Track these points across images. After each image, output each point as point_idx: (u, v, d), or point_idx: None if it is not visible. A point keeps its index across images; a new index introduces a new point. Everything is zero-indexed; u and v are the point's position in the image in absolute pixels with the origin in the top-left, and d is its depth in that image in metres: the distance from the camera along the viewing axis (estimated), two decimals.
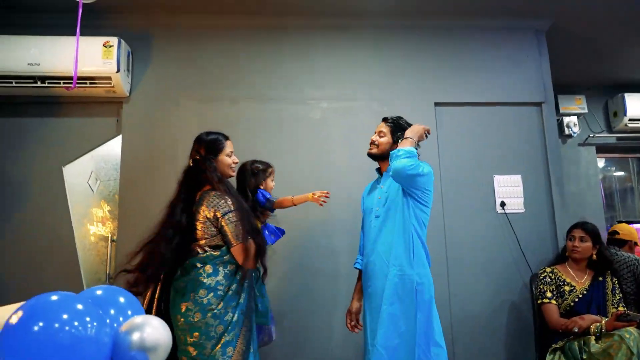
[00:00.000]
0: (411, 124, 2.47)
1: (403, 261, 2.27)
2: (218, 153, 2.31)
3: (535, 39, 3.61)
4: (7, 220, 3.15)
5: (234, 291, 2.13)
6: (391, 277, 2.26)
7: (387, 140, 2.46)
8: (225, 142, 2.35)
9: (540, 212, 3.39)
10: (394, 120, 2.50)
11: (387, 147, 2.45)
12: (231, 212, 2.13)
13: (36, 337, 1.04)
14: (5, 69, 3.01)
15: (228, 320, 2.09)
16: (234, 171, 2.41)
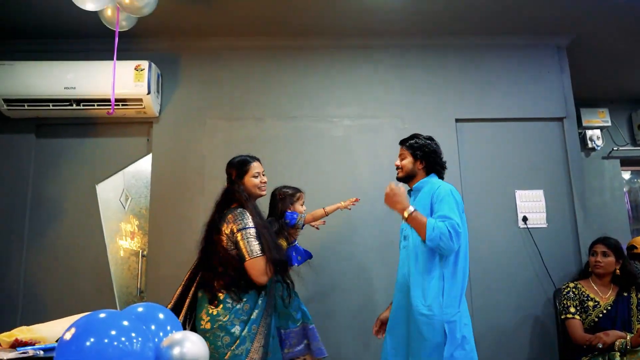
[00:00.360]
0: (427, 136, 2.56)
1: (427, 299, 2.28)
2: (244, 175, 2.42)
3: (556, 54, 3.65)
4: (44, 236, 3.30)
5: (243, 306, 2.19)
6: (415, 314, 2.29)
7: (408, 161, 2.52)
8: (251, 164, 2.44)
9: (562, 227, 3.40)
10: (409, 140, 2.57)
11: (410, 166, 2.51)
12: (248, 228, 2.22)
13: (88, 352, 1.13)
14: (43, 93, 3.17)
15: (235, 333, 2.14)
16: (263, 190, 2.47)
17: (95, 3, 2.40)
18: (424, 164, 2.51)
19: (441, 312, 2.26)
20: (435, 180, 2.50)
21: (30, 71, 3.20)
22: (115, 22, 2.56)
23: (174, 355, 1.22)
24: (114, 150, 3.43)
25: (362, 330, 3.13)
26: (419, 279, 2.32)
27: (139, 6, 2.44)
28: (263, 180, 2.46)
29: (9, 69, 3.19)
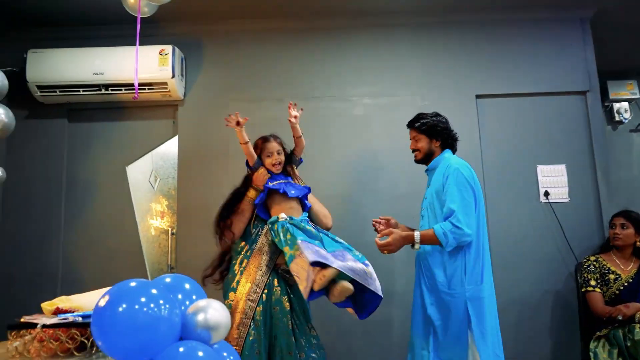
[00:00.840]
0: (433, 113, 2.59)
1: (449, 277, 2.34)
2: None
3: (579, 27, 3.58)
4: (78, 217, 3.47)
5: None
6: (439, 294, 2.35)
7: (425, 142, 2.54)
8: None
9: (585, 201, 3.39)
10: (417, 121, 2.58)
11: (427, 147, 2.54)
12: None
13: (120, 316, 1.24)
14: (74, 78, 3.30)
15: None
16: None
17: None
18: (440, 141, 2.54)
19: (463, 289, 2.31)
20: (448, 156, 2.52)
21: (60, 58, 3.33)
22: (137, 9, 2.64)
23: (198, 320, 1.33)
24: (142, 132, 3.56)
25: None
26: (439, 257, 2.37)
27: None
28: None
29: (40, 57, 3.33)
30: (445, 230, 2.27)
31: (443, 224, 2.30)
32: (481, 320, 2.30)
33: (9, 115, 2.78)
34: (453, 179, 2.36)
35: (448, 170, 2.40)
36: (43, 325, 1.43)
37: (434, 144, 2.53)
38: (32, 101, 3.44)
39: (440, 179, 2.43)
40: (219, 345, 1.42)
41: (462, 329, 2.29)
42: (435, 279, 2.35)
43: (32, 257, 3.38)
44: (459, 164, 2.43)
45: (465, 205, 2.33)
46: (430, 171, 2.58)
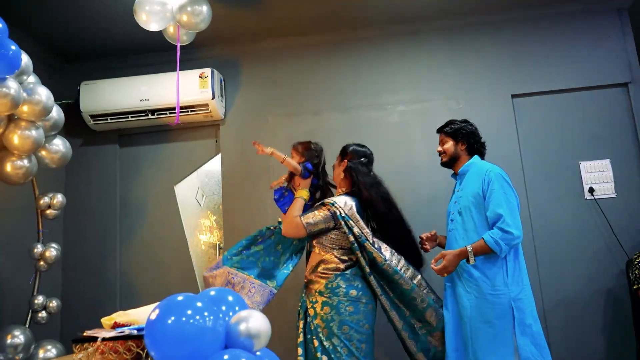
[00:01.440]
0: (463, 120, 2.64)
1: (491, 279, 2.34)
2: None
3: (616, 17, 3.50)
4: (132, 235, 3.69)
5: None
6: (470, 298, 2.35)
7: (450, 144, 2.59)
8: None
9: (633, 195, 3.30)
10: (446, 126, 2.64)
11: (452, 149, 2.58)
12: None
13: (169, 328, 1.35)
14: (123, 106, 3.53)
15: None
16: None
17: (157, 23, 2.66)
18: (465, 145, 2.57)
19: (508, 290, 2.31)
20: (480, 162, 2.54)
21: (110, 88, 3.57)
22: (176, 38, 2.81)
23: (240, 329, 1.42)
24: (187, 152, 3.75)
25: None
26: (478, 260, 2.35)
27: (196, 22, 2.67)
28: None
29: (92, 88, 3.58)
30: (496, 238, 2.28)
31: (492, 232, 2.31)
32: (525, 320, 2.29)
33: (66, 145, 3.00)
34: (497, 184, 2.38)
35: (489, 175, 2.41)
36: (103, 338, 1.57)
37: (460, 147, 2.57)
38: (86, 129, 3.70)
39: (477, 183, 2.44)
40: (262, 353, 1.51)
41: (507, 328, 2.29)
42: (477, 282, 2.36)
43: (92, 275, 3.62)
44: (498, 169, 2.46)
45: (512, 208, 2.34)
46: (460, 176, 2.60)
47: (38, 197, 3.04)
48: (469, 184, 2.49)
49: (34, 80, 2.75)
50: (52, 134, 2.92)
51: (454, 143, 2.58)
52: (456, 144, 2.58)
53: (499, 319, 2.30)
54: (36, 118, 2.65)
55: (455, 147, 2.58)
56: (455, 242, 2.48)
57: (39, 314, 2.95)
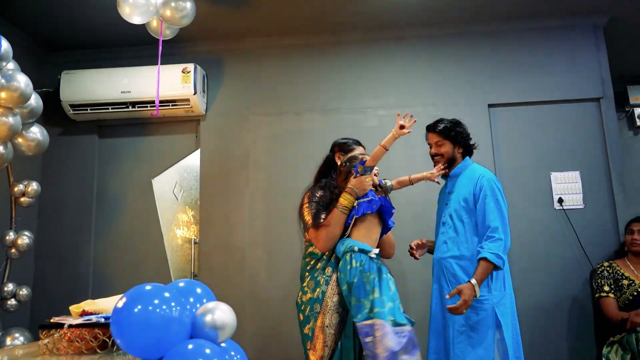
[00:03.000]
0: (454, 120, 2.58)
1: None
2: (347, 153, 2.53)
3: (592, 34, 3.61)
4: (107, 227, 3.68)
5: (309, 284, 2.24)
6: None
7: (449, 147, 2.52)
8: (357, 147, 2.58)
9: (600, 207, 3.40)
10: (438, 126, 2.55)
11: (451, 152, 2.52)
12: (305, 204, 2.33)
13: (136, 316, 1.37)
14: (103, 97, 3.53)
15: (305, 312, 2.19)
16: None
17: (140, 16, 2.67)
18: (462, 148, 2.54)
19: (491, 295, 2.31)
20: (472, 165, 2.52)
21: (91, 78, 3.57)
22: (159, 33, 2.83)
23: (206, 320, 1.45)
24: (167, 147, 3.76)
25: None
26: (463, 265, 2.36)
27: (179, 17, 2.70)
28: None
29: (73, 78, 3.57)
30: (497, 252, 2.26)
31: (488, 247, 2.27)
32: (507, 324, 2.31)
33: (43, 133, 2.99)
34: (490, 192, 2.36)
35: (481, 181, 2.39)
36: (69, 325, 1.59)
37: (457, 151, 2.53)
38: (65, 119, 3.68)
39: (469, 187, 2.42)
40: (227, 344, 1.54)
41: (489, 334, 2.29)
42: None
43: (65, 265, 3.60)
44: (490, 174, 2.45)
45: (504, 218, 2.36)
46: (452, 178, 2.55)
47: (12, 184, 3.03)
48: (462, 187, 2.46)
49: (13, 67, 2.74)
50: (29, 122, 2.91)
51: (453, 146, 2.52)
52: (454, 147, 2.52)
53: (482, 324, 2.30)
54: (14, 105, 2.64)
55: (454, 150, 2.52)
56: (445, 245, 2.45)
57: (8, 302, 2.93)
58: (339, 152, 2.52)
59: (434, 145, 2.56)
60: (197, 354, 1.38)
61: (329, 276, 2.23)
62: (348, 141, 2.57)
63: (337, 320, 2.15)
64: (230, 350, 1.55)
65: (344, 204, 2.23)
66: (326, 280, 2.22)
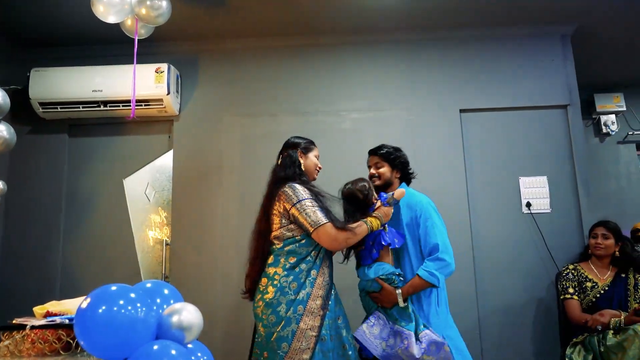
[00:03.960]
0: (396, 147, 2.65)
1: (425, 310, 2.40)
2: (309, 152, 2.48)
3: (560, 43, 3.71)
4: (77, 228, 3.62)
5: (290, 284, 2.18)
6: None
7: (387, 169, 2.59)
8: (315, 147, 2.54)
9: (566, 212, 3.49)
10: (381, 150, 2.64)
11: (388, 175, 2.58)
12: (302, 200, 2.21)
13: (100, 317, 1.36)
14: (74, 96, 3.47)
15: (281, 312, 2.13)
16: (316, 175, 2.51)
17: (115, 15, 2.64)
18: (400, 174, 2.62)
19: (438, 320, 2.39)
20: (410, 190, 2.58)
21: (62, 76, 3.50)
22: (134, 31, 2.80)
23: (172, 321, 1.45)
24: (139, 147, 3.71)
25: None
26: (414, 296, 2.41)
27: (154, 16, 2.67)
28: (320, 165, 2.54)
29: (43, 75, 3.50)
30: (431, 270, 2.32)
31: (424, 265, 2.34)
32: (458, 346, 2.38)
33: (10, 131, 2.93)
34: (429, 214, 2.44)
35: (421, 205, 2.46)
36: (32, 326, 1.56)
37: (395, 175, 2.60)
38: (35, 117, 3.60)
39: (408, 212, 2.49)
40: (194, 346, 1.54)
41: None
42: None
43: (32, 267, 3.53)
44: (427, 198, 2.53)
45: (444, 237, 2.42)
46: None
47: None
48: (401, 212, 2.52)
49: None
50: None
51: (391, 169, 2.59)
52: (392, 170, 2.60)
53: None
54: None
55: (391, 173, 2.59)
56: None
57: None
58: (301, 151, 2.47)
59: (373, 166, 2.65)
60: (163, 355, 1.38)
61: (314, 278, 2.23)
62: (305, 140, 2.53)
63: (319, 324, 2.17)
64: (197, 352, 1.55)
65: (373, 226, 2.31)
66: (311, 283, 2.21)
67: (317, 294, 2.20)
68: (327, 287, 2.27)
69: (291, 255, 2.24)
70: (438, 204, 2.58)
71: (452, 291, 3.30)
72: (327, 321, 2.19)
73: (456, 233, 3.41)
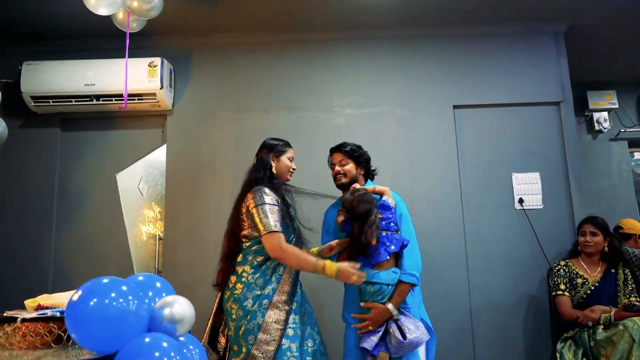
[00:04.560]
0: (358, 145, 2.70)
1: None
2: (282, 154, 2.54)
3: (553, 40, 3.73)
4: (70, 222, 3.60)
5: (256, 280, 2.28)
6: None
7: (352, 167, 2.62)
8: (290, 148, 2.59)
9: (558, 208, 3.51)
10: (345, 147, 2.66)
11: (354, 172, 2.61)
12: (264, 204, 2.27)
13: (91, 310, 1.36)
14: (66, 89, 3.45)
15: (247, 307, 2.22)
16: (290, 176, 2.57)
17: (106, 8, 2.63)
18: (364, 171, 2.66)
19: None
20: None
21: (54, 70, 3.48)
22: (126, 25, 2.79)
23: (164, 314, 1.45)
24: (132, 141, 3.70)
25: None
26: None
27: (146, 9, 2.67)
28: (294, 167, 2.59)
29: (35, 69, 3.47)
30: (410, 272, 2.38)
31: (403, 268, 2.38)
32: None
33: (1, 125, 2.92)
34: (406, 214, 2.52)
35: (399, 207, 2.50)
36: (23, 319, 1.56)
37: (359, 172, 2.63)
38: (26, 111, 3.58)
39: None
40: (186, 339, 1.54)
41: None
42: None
43: (24, 262, 3.51)
44: (399, 197, 2.57)
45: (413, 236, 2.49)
46: None
47: None
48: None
49: None
50: None
51: (355, 166, 2.62)
52: (357, 167, 2.63)
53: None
54: None
55: (356, 170, 2.62)
56: None
57: None
58: (272, 154, 2.53)
59: (337, 164, 2.66)
60: (154, 348, 1.38)
61: (280, 275, 2.31)
62: (280, 143, 2.60)
63: (284, 317, 2.25)
64: (189, 344, 1.55)
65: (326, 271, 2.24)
66: (277, 279, 2.30)
67: (283, 289, 2.30)
68: (293, 284, 2.35)
69: (258, 254, 2.33)
70: (431, 199, 2.62)
71: (444, 286, 3.35)
72: (292, 316, 2.28)
73: (449, 228, 3.45)
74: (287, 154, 2.57)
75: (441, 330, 3.14)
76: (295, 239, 2.40)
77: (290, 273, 2.34)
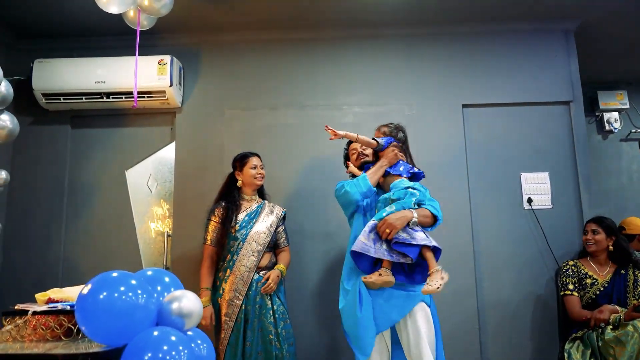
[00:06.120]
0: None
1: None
2: (243, 166, 2.95)
3: (563, 39, 3.70)
4: (79, 218, 3.63)
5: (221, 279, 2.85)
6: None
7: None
8: (250, 157, 2.96)
9: (567, 208, 3.49)
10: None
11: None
12: (209, 218, 2.92)
13: (101, 303, 1.37)
14: (77, 87, 3.48)
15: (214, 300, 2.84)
16: (259, 180, 2.97)
17: (117, 6, 2.65)
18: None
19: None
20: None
21: (65, 68, 3.51)
22: (136, 23, 2.81)
23: (172, 308, 1.46)
24: (141, 138, 3.72)
25: None
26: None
27: (157, 7, 2.68)
28: (259, 172, 2.95)
29: (46, 66, 3.51)
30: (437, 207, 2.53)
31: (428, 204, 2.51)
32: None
33: (13, 121, 2.95)
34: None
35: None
36: (34, 312, 1.58)
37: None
38: (37, 108, 3.62)
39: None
40: (193, 333, 1.55)
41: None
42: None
43: (35, 257, 3.55)
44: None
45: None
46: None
47: None
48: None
49: None
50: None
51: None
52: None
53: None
54: None
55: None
56: None
57: None
58: (236, 170, 3.01)
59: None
60: (162, 341, 1.39)
61: (227, 276, 2.80)
62: (239, 157, 3.03)
63: (232, 311, 2.72)
64: (197, 339, 1.56)
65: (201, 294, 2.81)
66: (224, 279, 2.80)
67: (230, 287, 2.76)
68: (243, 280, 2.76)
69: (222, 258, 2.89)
70: (439, 198, 2.61)
71: (452, 285, 3.33)
72: (243, 307, 2.73)
73: (457, 228, 3.43)
74: (249, 164, 2.94)
75: (448, 329, 3.14)
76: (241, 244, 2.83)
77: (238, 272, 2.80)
